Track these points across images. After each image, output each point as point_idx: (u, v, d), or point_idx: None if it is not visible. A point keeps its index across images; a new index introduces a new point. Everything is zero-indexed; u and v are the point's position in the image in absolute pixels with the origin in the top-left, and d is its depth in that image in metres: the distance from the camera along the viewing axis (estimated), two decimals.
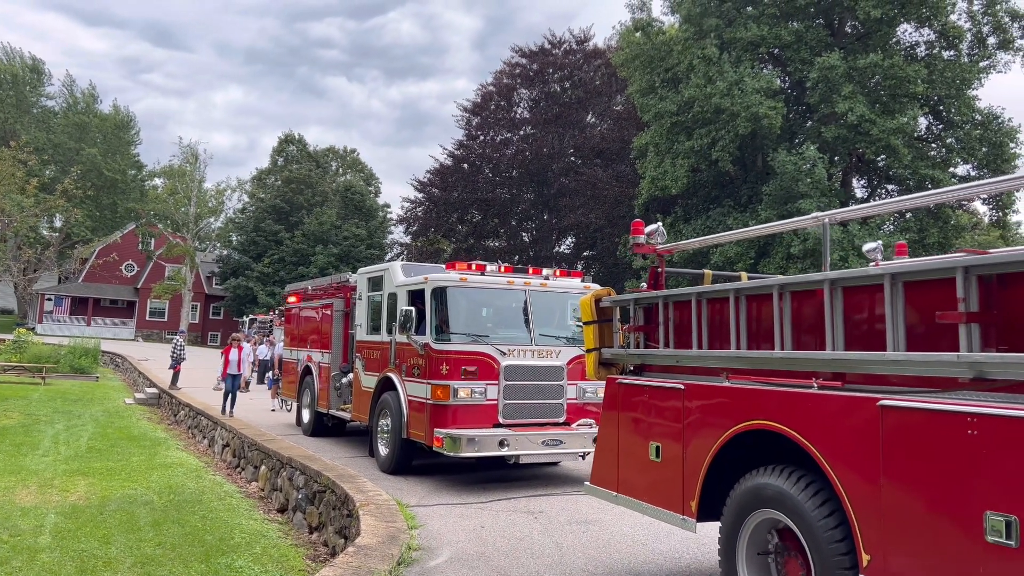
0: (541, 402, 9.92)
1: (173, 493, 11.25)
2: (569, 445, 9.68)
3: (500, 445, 9.25)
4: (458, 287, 9.96)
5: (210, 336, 68.28)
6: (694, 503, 5.04)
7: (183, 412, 19.40)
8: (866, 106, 25.70)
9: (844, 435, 3.97)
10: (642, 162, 32.82)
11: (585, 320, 6.45)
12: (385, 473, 10.36)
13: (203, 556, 8.25)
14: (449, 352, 9.59)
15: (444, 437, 9.26)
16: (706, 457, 4.93)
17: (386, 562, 6.09)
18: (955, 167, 28.51)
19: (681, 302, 5.53)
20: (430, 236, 45.97)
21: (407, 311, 9.92)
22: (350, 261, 54.95)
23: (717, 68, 28.10)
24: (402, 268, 11.30)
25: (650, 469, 5.52)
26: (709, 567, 6.53)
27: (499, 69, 46.54)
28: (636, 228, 6.39)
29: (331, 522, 9.07)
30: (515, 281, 10.28)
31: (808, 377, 4.34)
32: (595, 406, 10.28)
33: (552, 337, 10.22)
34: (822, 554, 4.06)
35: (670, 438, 5.33)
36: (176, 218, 59.90)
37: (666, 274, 6.58)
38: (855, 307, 4.18)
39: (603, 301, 6.39)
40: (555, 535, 7.44)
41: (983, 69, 28.04)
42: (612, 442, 6.01)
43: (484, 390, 9.58)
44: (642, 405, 5.73)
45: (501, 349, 9.71)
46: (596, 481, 6.19)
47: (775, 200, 27.22)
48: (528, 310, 10.17)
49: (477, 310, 10.38)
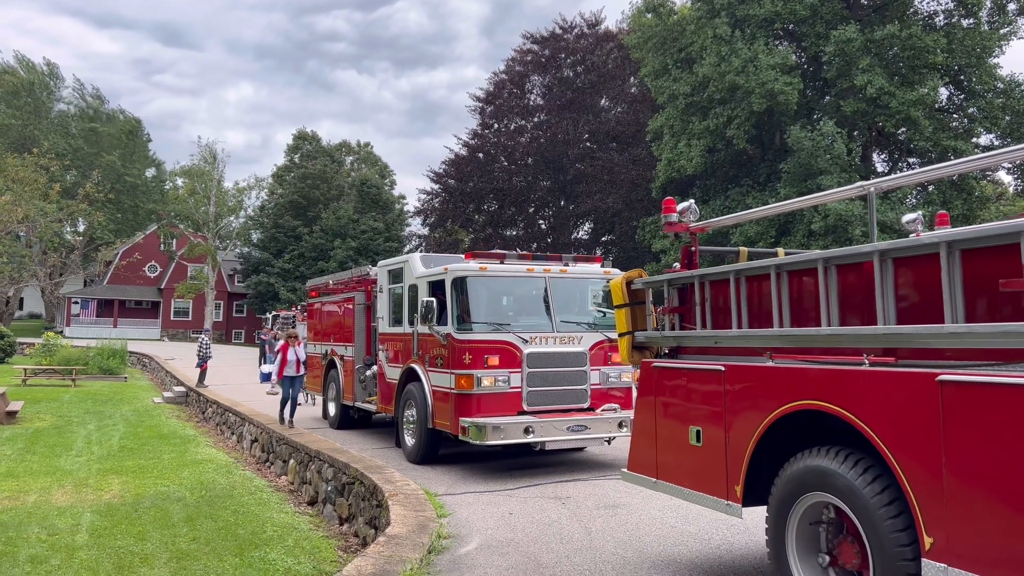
0: (565, 388, 9.92)
1: (205, 489, 11.40)
2: (594, 430, 9.67)
3: (525, 432, 9.26)
4: (478, 276, 9.98)
5: (234, 334, 68.93)
6: (739, 488, 4.92)
7: (211, 409, 19.63)
8: (885, 78, 25.32)
9: (900, 413, 3.79)
10: (658, 144, 32.60)
11: (616, 303, 6.30)
12: (412, 463, 10.41)
13: (236, 550, 8.36)
14: (472, 341, 9.61)
15: (469, 426, 9.28)
16: (750, 440, 4.80)
17: (417, 551, 6.14)
18: (978, 137, 28.04)
19: (719, 281, 5.36)
20: (448, 227, 46.03)
21: (428, 302, 9.94)
22: (369, 254, 55.14)
23: (730, 46, 27.80)
24: (421, 259, 11.32)
25: (691, 454, 5.38)
26: (740, 547, 6.52)
27: (510, 56, 46.39)
28: (668, 206, 6.24)
29: (361, 513, 9.15)
30: (535, 268, 10.30)
31: (858, 354, 4.18)
32: (619, 391, 10.33)
33: (573, 323, 10.21)
34: (880, 537, 3.89)
35: (711, 422, 5.20)
36: (196, 218, 60.42)
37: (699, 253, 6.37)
38: (908, 278, 3.99)
39: (635, 283, 6.23)
40: (584, 520, 7.46)
41: (1004, 36, 27.51)
42: (649, 427, 5.87)
43: (507, 378, 9.60)
44: (680, 389, 5.59)
45: (523, 337, 9.72)
46: (634, 467, 6.07)
47: (794, 178, 26.94)
48: (548, 297, 10.16)
49: (498, 299, 10.38)
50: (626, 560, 6.15)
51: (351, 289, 14.14)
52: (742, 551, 6.41)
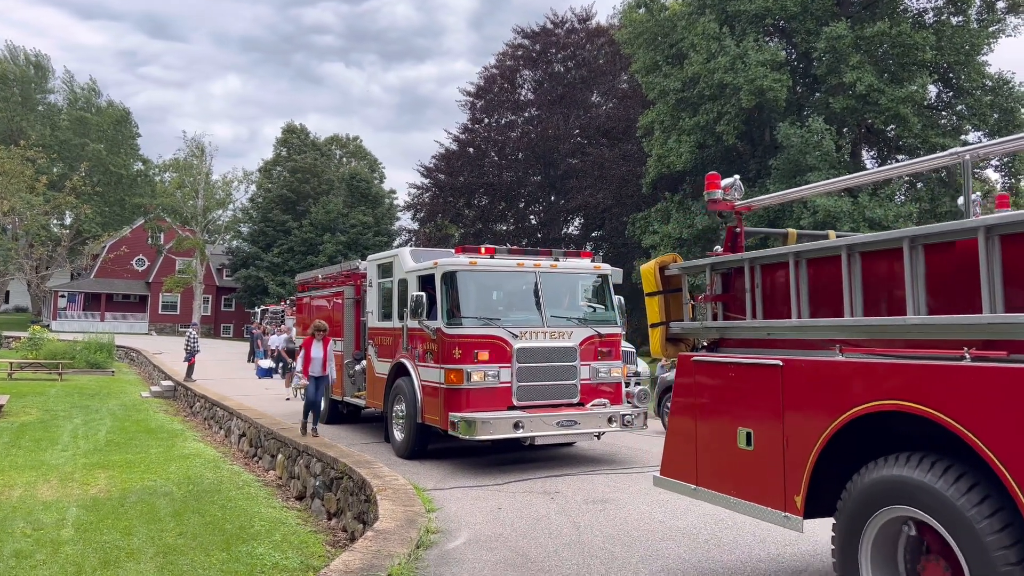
0: (554, 384, 9.88)
1: (192, 484, 11.35)
2: (584, 425, 9.65)
3: (515, 427, 9.22)
4: (468, 271, 9.91)
5: (222, 328, 68.66)
6: (799, 498, 4.34)
7: (199, 404, 19.54)
8: (874, 75, 25.41)
9: (1014, 416, 3.24)
10: (648, 140, 32.63)
11: (648, 291, 5.83)
12: (401, 458, 10.37)
13: (224, 544, 8.32)
14: (461, 336, 9.57)
15: (459, 421, 9.24)
16: (814, 445, 4.23)
17: (405, 545, 6.12)
18: (966, 134, 28.19)
19: (774, 264, 4.86)
20: (438, 222, 45.93)
21: (418, 296, 9.92)
22: (358, 248, 55.01)
23: (719, 43, 27.82)
24: (411, 254, 11.27)
25: (739, 459, 4.84)
26: (727, 542, 6.53)
27: (501, 51, 46.33)
28: (711, 181, 5.74)
29: (349, 508, 9.13)
30: (525, 263, 10.22)
31: (955, 347, 3.64)
32: (609, 386, 10.30)
33: (563, 318, 10.18)
34: (983, 561, 3.35)
35: (765, 423, 4.64)
36: (184, 211, 60.08)
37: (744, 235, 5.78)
38: (1020, 259, 3.43)
39: (669, 269, 5.74)
40: (572, 514, 7.46)
41: (992, 34, 27.65)
42: (688, 428, 5.34)
43: (497, 373, 9.54)
44: (727, 385, 5.03)
45: (513, 332, 9.67)
46: (669, 472, 5.54)
47: (783, 174, 27.02)
48: (539, 292, 10.11)
49: (488, 294, 10.34)
50: (614, 555, 6.15)
51: (340, 283, 14.08)
52: (729, 545, 6.42)
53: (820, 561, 6.02)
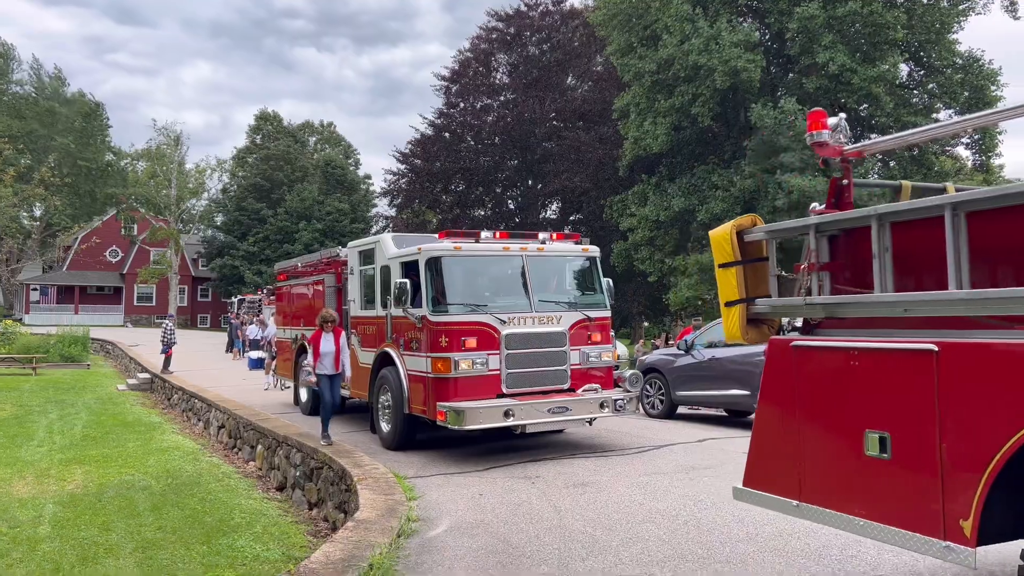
0: (544, 370, 9.70)
1: (171, 477, 11.26)
2: (576, 412, 9.51)
3: (505, 416, 9.01)
4: (453, 256, 9.70)
5: (199, 318, 68.04)
6: (968, 523, 3.43)
7: (177, 396, 19.37)
8: (847, 55, 25.54)
9: None
10: (624, 123, 32.61)
11: (721, 262, 4.94)
12: (388, 449, 10.15)
13: (204, 538, 8.27)
14: (448, 323, 9.36)
15: (447, 411, 9.03)
16: (995, 455, 3.33)
17: (386, 535, 6.12)
18: (937, 112, 28.45)
19: (917, 221, 3.88)
20: (415, 208, 45.68)
21: (401, 283, 9.70)
22: (335, 236, 54.68)
23: (693, 25, 27.80)
24: (393, 239, 10.99)
25: (868, 470, 3.91)
26: (707, 522, 6.60)
27: (475, 34, 45.92)
28: (816, 120, 4.78)
29: (330, 497, 9.11)
30: (511, 247, 10.03)
31: None
32: (599, 371, 10.14)
33: (552, 303, 9.98)
34: None
35: (910, 424, 3.73)
36: (157, 201, 59.28)
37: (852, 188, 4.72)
38: None
39: (750, 233, 4.83)
40: (553, 499, 7.50)
41: (962, 12, 27.86)
42: (785, 430, 4.43)
43: (486, 360, 9.33)
44: (847, 376, 4.08)
45: (501, 318, 9.46)
46: (756, 483, 4.61)
47: (758, 155, 27.12)
48: (526, 276, 9.90)
49: (474, 279, 10.08)
50: (595, 538, 6.19)
51: (320, 271, 13.80)
52: (709, 526, 6.49)
53: (798, 541, 6.10)
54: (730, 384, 12.41)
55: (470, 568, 5.55)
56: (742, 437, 11.34)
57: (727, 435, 11.46)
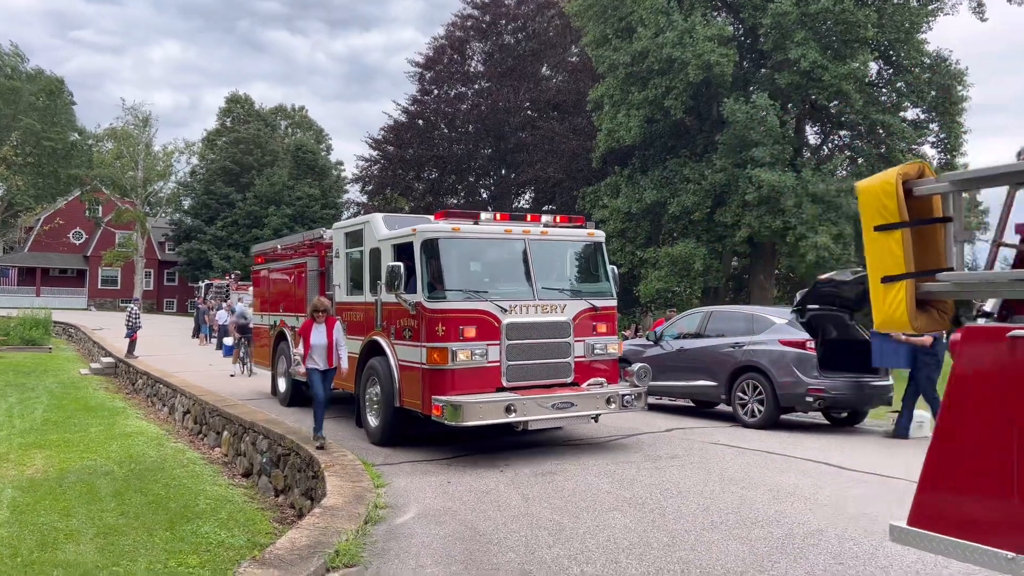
0: (547, 362, 9.13)
1: (134, 462, 11.11)
2: (581, 407, 8.93)
3: (507, 411, 8.39)
4: (451, 238, 9.01)
5: (165, 303, 67.10)
6: None
7: (141, 380, 19.10)
8: (818, 52, 25.78)
9: None
10: (598, 114, 32.65)
11: (879, 223, 3.73)
12: (376, 445, 9.53)
13: (167, 524, 8.18)
14: (445, 311, 8.68)
15: (444, 405, 8.37)
16: None
17: (353, 521, 6.10)
18: (905, 111, 28.87)
19: None
20: (387, 195, 45.39)
21: (394, 267, 8.94)
22: (304, 222, 54.17)
23: (667, 18, 27.88)
24: (384, 220, 10.30)
25: None
26: (672, 511, 6.67)
27: (450, 21, 45.64)
28: None
29: (297, 484, 9.06)
30: (513, 230, 9.36)
31: None
32: (604, 364, 9.62)
33: (556, 290, 9.41)
34: None
35: None
36: (123, 183, 58.17)
37: None
38: None
39: (922, 185, 3.67)
40: (521, 487, 7.53)
41: (931, 12, 28.25)
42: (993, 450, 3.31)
43: (485, 351, 8.69)
44: None
45: (502, 306, 8.82)
46: (934, 523, 3.49)
47: (729, 149, 27.36)
48: (529, 261, 9.28)
49: (473, 263, 9.46)
50: (562, 526, 6.23)
51: (302, 254, 13.14)
52: (674, 514, 6.56)
53: (761, 530, 6.19)
54: (697, 375, 12.55)
55: (437, 554, 5.55)
56: (708, 427, 11.49)
57: (694, 425, 11.59)
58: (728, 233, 28.44)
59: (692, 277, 28.14)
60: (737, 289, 33.98)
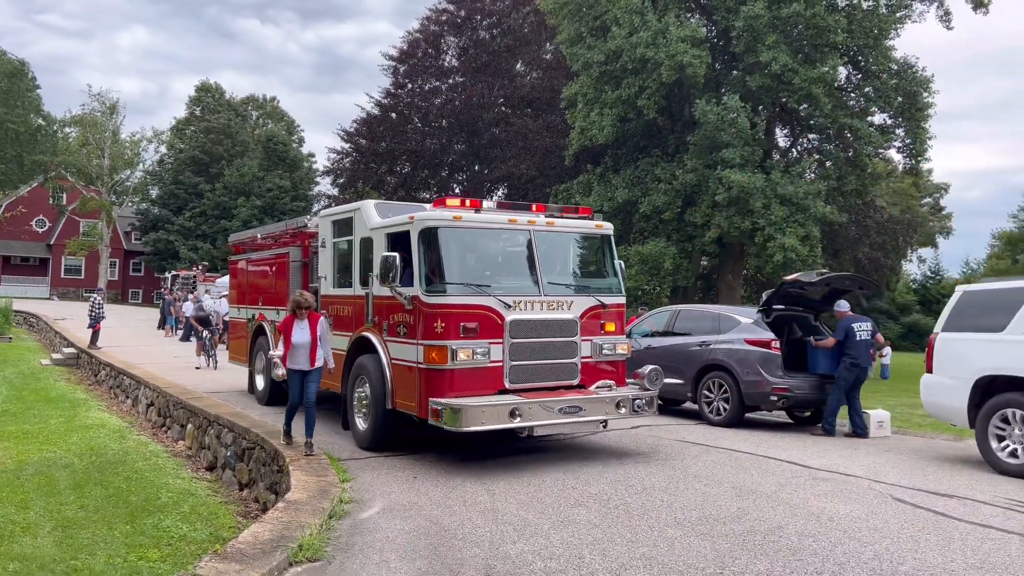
0: (552, 362, 8.59)
1: (95, 455, 10.94)
2: (589, 412, 8.38)
3: (511, 416, 7.82)
4: (452, 227, 8.38)
5: (131, 293, 66.03)
6: None
7: (104, 372, 18.79)
8: (789, 55, 26.08)
9: None
10: (572, 112, 32.72)
11: None
12: (365, 450, 8.96)
13: (128, 517, 8.07)
14: (445, 306, 8.07)
15: (443, 408, 7.76)
16: None
17: (317, 516, 6.07)
18: (873, 116, 29.33)
19: None
20: (359, 188, 45.09)
21: (389, 258, 8.27)
22: (274, 213, 53.64)
23: (641, 17, 28.03)
24: (376, 207, 9.70)
25: None
26: (636, 508, 6.73)
27: (425, 15, 45.41)
28: None
29: (261, 478, 8.99)
30: (518, 219, 8.80)
31: None
32: (611, 365, 9.13)
33: (562, 286, 8.89)
34: None
35: None
36: (89, 170, 57.04)
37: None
38: None
39: None
40: (487, 482, 7.54)
41: (899, 19, 28.70)
42: None
43: (487, 350, 8.12)
44: None
45: (506, 301, 8.27)
46: None
47: (700, 150, 27.58)
48: (534, 254, 8.73)
49: (475, 255, 8.87)
50: (527, 521, 6.26)
51: (284, 244, 12.49)
52: (639, 511, 6.62)
53: (723, 526, 6.26)
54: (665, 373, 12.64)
55: (401, 549, 5.55)
56: (675, 425, 11.60)
57: (660, 423, 11.69)
58: (698, 233, 28.69)
59: (662, 276, 28.34)
60: (706, 288, 34.33)
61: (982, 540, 5.98)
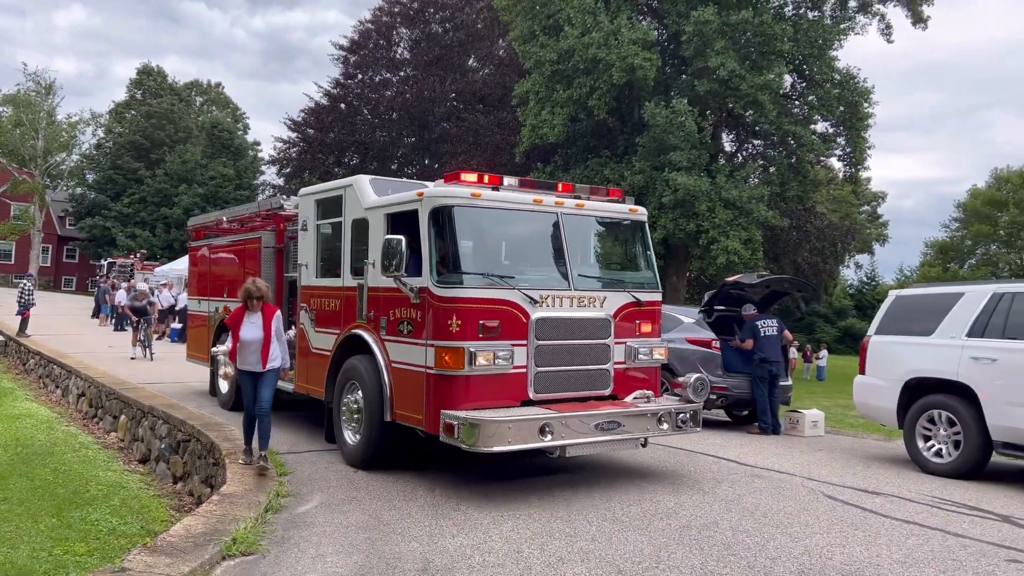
0: (582, 369, 7.39)
1: (20, 446, 10.53)
2: (629, 428, 7.18)
3: (541, 433, 6.63)
4: (470, 206, 7.07)
5: (64, 280, 63.84)
6: None
7: (33, 360, 18.14)
8: (736, 62, 26.58)
9: None
10: (523, 110, 32.78)
11: None
12: (354, 467, 7.78)
13: (55, 510, 7.79)
14: (461, 300, 6.80)
15: (458, 423, 6.51)
16: None
17: (253, 509, 5.96)
18: (815, 124, 30.10)
19: None
20: (305, 178, 44.40)
21: (393, 241, 6.91)
22: (217, 202, 52.47)
23: (594, 18, 28.24)
24: (372, 183, 8.32)
25: None
26: (577, 502, 6.77)
27: (378, 6, 44.96)
28: None
29: (197, 471, 8.79)
30: (544, 199, 7.49)
31: None
32: (644, 372, 7.92)
33: (595, 279, 7.76)
34: None
35: None
36: (22, 152, 54.91)
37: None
38: None
39: None
40: (428, 477, 7.51)
41: (843, 31, 29.53)
42: None
43: (511, 354, 6.88)
44: None
45: (531, 296, 7.04)
46: None
47: (648, 152, 27.93)
48: (563, 241, 7.46)
49: (495, 241, 7.63)
50: (467, 516, 6.24)
51: (255, 228, 11.07)
52: (579, 506, 6.66)
53: (660, 521, 6.35)
54: None
55: (338, 543, 5.48)
56: None
57: None
58: None
59: None
60: None
61: (907, 536, 6.19)
